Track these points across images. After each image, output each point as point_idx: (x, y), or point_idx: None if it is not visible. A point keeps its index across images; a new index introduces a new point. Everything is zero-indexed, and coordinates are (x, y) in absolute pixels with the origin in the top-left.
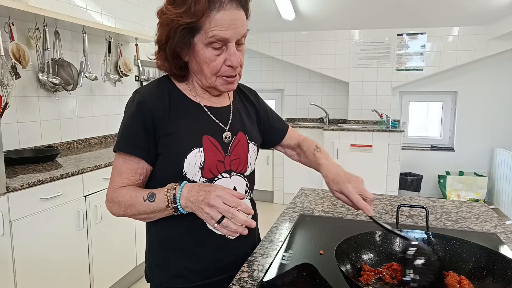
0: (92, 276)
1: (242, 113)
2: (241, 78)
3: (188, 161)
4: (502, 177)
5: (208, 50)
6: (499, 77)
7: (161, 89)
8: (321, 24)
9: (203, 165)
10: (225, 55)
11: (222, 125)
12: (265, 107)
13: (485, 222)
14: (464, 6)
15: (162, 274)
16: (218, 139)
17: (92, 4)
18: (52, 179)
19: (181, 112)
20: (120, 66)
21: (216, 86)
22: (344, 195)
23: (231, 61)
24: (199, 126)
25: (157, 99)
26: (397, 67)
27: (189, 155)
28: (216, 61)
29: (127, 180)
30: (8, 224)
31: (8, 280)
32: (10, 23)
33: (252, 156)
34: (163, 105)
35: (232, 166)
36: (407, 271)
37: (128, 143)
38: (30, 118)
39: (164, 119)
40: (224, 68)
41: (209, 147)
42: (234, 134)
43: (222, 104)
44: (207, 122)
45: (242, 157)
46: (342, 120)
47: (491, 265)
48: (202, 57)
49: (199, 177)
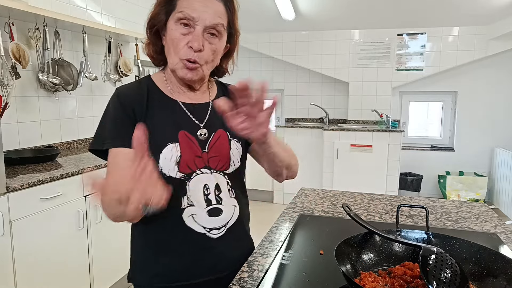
0: (92, 276)
1: None
2: (205, 76)
3: (163, 155)
4: (502, 177)
5: (176, 28)
6: (499, 77)
7: (141, 86)
8: (321, 24)
9: (179, 160)
10: (189, 37)
11: (197, 121)
12: None
13: (485, 222)
14: (464, 6)
15: (144, 273)
16: (195, 136)
17: (92, 4)
18: (52, 179)
19: (158, 108)
20: (120, 66)
21: (176, 70)
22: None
23: (191, 43)
24: (175, 122)
25: (136, 94)
26: (397, 67)
27: (164, 149)
28: (180, 40)
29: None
30: (8, 224)
31: (8, 280)
32: (10, 23)
33: (235, 154)
34: (141, 100)
35: (210, 163)
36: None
37: (113, 138)
38: (30, 118)
39: (142, 114)
40: (185, 49)
41: (185, 142)
42: (212, 131)
43: (200, 101)
44: (183, 118)
45: (223, 155)
46: (342, 120)
47: (491, 265)
48: (170, 33)
49: (176, 172)
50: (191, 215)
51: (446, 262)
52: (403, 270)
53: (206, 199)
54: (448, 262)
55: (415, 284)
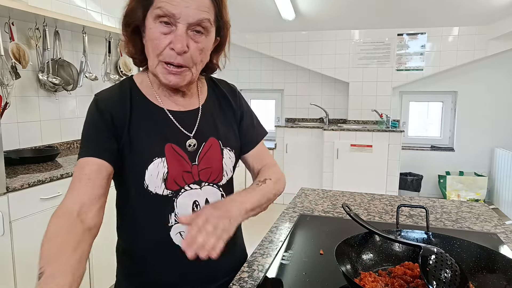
0: (92, 276)
1: (215, 116)
2: (194, 78)
3: (149, 172)
4: (502, 177)
5: (155, 26)
6: (499, 77)
7: (123, 91)
8: (321, 24)
9: (166, 176)
10: (171, 37)
11: (185, 131)
12: (243, 109)
13: (485, 222)
14: (464, 6)
15: (130, 286)
16: (182, 147)
17: (92, 4)
18: (52, 179)
19: (142, 118)
20: (120, 66)
21: (157, 74)
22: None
23: (173, 44)
24: (161, 134)
25: (118, 101)
26: (397, 67)
27: (150, 165)
28: (160, 40)
29: (84, 189)
30: (8, 224)
31: (8, 280)
32: (10, 23)
33: (228, 164)
34: (123, 108)
35: (201, 176)
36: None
37: (87, 148)
38: (30, 118)
39: (124, 124)
40: (167, 51)
41: (172, 156)
42: (203, 141)
43: (188, 108)
44: (170, 129)
45: (215, 166)
46: (342, 120)
47: (491, 265)
48: (149, 33)
49: (163, 189)
50: (179, 232)
51: (446, 262)
52: (403, 270)
53: None
54: (448, 262)
55: (415, 284)
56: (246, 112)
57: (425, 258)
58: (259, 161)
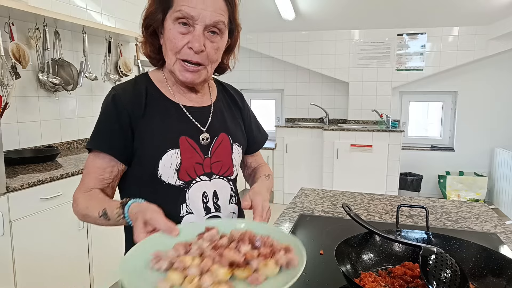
0: (92, 276)
1: (225, 113)
2: (209, 76)
3: (163, 162)
4: (502, 177)
5: (174, 27)
6: (499, 77)
7: (139, 86)
8: (321, 24)
9: (179, 167)
10: (189, 37)
11: (200, 126)
12: (249, 111)
13: (485, 222)
14: (464, 6)
15: None
16: (196, 141)
17: (92, 4)
18: (52, 179)
19: (157, 111)
20: (120, 66)
21: (174, 71)
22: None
23: (192, 43)
24: (176, 126)
25: (134, 96)
26: (397, 67)
27: (164, 156)
28: (178, 40)
29: (94, 181)
30: (8, 224)
31: (8, 280)
32: (10, 23)
33: (237, 159)
34: (139, 103)
35: (213, 168)
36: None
37: (100, 140)
38: (30, 118)
39: (139, 118)
40: (185, 50)
41: (186, 148)
42: (215, 136)
43: (202, 104)
44: (184, 123)
45: (225, 160)
46: (342, 120)
47: (491, 265)
48: (168, 33)
49: (175, 180)
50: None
51: (446, 262)
52: (403, 270)
53: (205, 207)
54: (448, 262)
55: (415, 284)
56: (251, 115)
57: (425, 258)
58: (257, 160)
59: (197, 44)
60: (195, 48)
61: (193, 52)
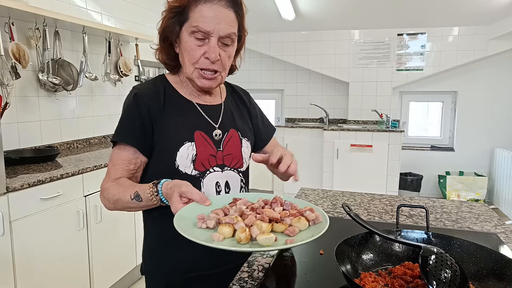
0: (92, 276)
1: (234, 111)
2: (223, 80)
3: (180, 154)
4: (502, 177)
5: (191, 40)
6: (499, 77)
7: (157, 86)
8: (321, 24)
9: (195, 158)
10: (205, 48)
11: (212, 122)
12: (256, 109)
13: (485, 222)
14: (464, 6)
15: (157, 267)
16: (209, 135)
17: (92, 4)
18: (52, 179)
19: (174, 108)
20: (120, 66)
21: (193, 78)
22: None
23: (208, 54)
24: (191, 122)
25: (153, 95)
26: (397, 67)
27: (181, 148)
28: (196, 51)
29: (121, 171)
30: (8, 224)
31: (8, 280)
32: (10, 23)
33: (246, 152)
34: (158, 100)
35: (225, 161)
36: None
37: (124, 134)
38: (30, 118)
39: (158, 114)
40: (202, 60)
41: (200, 141)
42: (225, 131)
43: (213, 103)
44: (198, 119)
45: (236, 153)
46: (342, 120)
47: (491, 265)
48: (185, 45)
49: (191, 170)
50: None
51: (446, 262)
52: (403, 270)
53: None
54: (448, 262)
55: (415, 284)
56: (258, 113)
57: (425, 258)
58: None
59: (213, 55)
60: (212, 58)
61: (210, 62)
